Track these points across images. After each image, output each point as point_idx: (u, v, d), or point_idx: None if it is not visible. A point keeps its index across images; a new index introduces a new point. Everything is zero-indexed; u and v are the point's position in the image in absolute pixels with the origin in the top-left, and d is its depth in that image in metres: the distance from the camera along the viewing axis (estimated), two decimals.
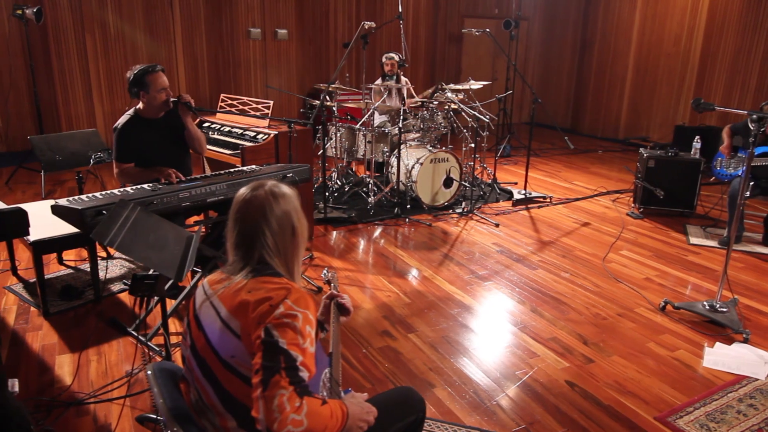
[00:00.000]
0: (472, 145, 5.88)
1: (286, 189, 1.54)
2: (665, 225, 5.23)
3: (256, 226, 1.46)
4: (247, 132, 4.43)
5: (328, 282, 2.06)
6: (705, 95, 8.22)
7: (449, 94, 5.88)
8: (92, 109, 7.43)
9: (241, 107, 4.59)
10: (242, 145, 4.17)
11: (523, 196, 5.86)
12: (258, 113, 4.43)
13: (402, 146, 5.73)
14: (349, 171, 6.15)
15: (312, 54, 8.81)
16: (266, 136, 4.22)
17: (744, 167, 4.80)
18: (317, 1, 8.67)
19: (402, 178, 5.52)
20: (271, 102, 4.38)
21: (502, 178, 6.69)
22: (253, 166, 3.65)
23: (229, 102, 4.68)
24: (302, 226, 1.55)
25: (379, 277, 3.97)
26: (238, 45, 8.20)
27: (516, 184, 6.48)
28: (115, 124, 3.44)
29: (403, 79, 6.37)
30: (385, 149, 5.68)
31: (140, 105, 3.45)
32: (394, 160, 5.65)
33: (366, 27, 5.15)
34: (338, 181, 5.95)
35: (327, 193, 5.63)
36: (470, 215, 5.38)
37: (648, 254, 4.52)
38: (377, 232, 4.89)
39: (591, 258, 4.41)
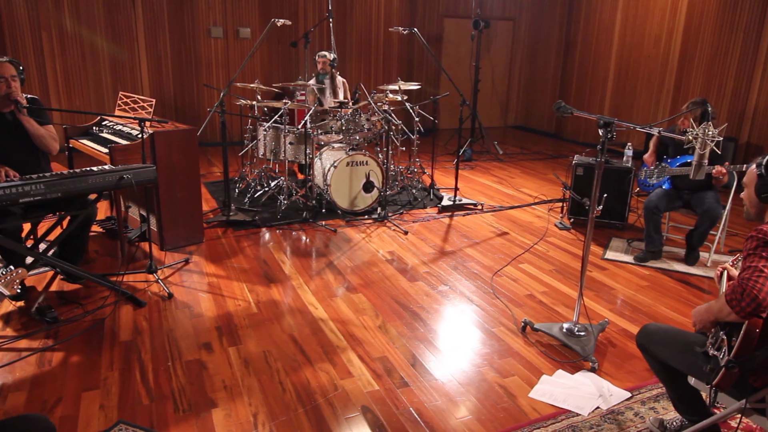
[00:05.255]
0: (403, 148, 5.65)
1: None
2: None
3: None
4: (132, 131, 4.33)
5: None
6: (682, 99, 7.73)
7: (389, 95, 5.68)
8: (49, 107, 7.49)
9: (133, 105, 4.50)
10: (116, 143, 4.07)
11: (451, 203, 5.59)
12: (144, 112, 4.33)
13: (325, 148, 5.55)
14: (273, 172, 5.98)
15: (280, 54, 8.69)
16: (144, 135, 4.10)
17: (666, 177, 4.46)
18: (286, 1, 8.56)
19: (320, 181, 5.33)
20: (153, 100, 4.28)
21: (450, 184, 6.40)
22: (105, 166, 3.53)
23: (125, 100, 4.60)
24: None
25: (242, 285, 3.79)
26: (200, 44, 8.16)
27: (458, 189, 6.19)
28: None
29: (339, 78, 6.18)
30: (309, 151, 5.49)
31: None
32: (316, 162, 5.48)
33: (278, 24, 4.98)
34: (261, 183, 5.80)
35: (247, 195, 5.50)
36: (384, 222, 5.14)
37: (549, 269, 4.20)
38: (275, 236, 4.71)
39: (483, 271, 4.12)
